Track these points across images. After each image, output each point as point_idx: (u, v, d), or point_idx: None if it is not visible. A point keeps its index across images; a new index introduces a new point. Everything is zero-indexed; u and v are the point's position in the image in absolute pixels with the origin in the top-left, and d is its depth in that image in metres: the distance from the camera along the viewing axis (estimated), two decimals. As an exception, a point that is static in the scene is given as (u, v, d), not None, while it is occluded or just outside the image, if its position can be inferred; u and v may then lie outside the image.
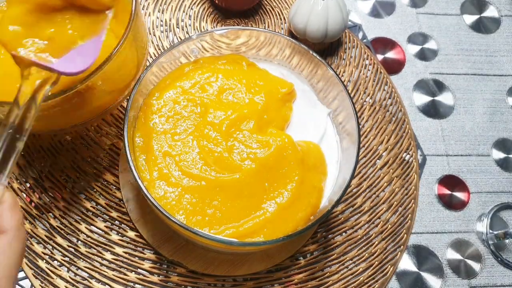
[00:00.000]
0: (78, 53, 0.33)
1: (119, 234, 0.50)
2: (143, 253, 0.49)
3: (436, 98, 0.64)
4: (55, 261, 0.48)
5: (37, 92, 0.31)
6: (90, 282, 0.47)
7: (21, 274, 0.47)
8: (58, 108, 0.36)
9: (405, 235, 0.53)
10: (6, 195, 0.28)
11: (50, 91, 0.33)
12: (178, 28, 0.62)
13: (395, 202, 0.55)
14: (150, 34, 0.61)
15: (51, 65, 0.32)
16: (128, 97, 0.44)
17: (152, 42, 0.61)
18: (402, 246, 0.53)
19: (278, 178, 0.43)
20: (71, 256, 0.48)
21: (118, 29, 0.40)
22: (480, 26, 0.70)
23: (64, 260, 0.48)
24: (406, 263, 0.53)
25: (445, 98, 0.64)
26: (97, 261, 0.48)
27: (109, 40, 0.40)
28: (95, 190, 0.51)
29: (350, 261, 0.51)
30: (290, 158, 0.43)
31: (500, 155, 0.61)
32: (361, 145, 0.56)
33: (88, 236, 0.49)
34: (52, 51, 0.32)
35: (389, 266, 0.51)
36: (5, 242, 0.26)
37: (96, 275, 0.48)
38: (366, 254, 0.52)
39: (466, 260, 0.54)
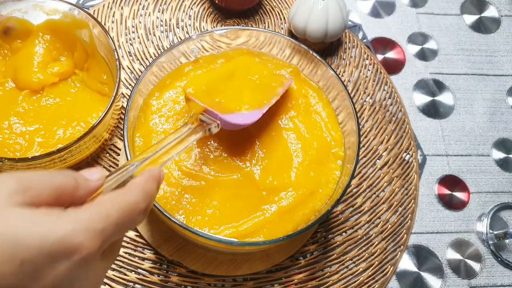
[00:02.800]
0: (239, 116, 0.42)
1: (119, 234, 0.50)
2: (143, 253, 0.49)
3: (436, 98, 0.64)
4: (55, 261, 0.48)
5: (195, 132, 0.38)
6: (90, 282, 0.47)
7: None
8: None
9: (405, 235, 0.53)
10: (152, 170, 0.29)
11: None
12: (178, 28, 0.62)
13: (395, 202, 0.55)
14: (150, 34, 0.61)
15: (217, 113, 0.39)
16: (128, 98, 0.44)
17: (152, 42, 0.61)
18: (402, 246, 0.53)
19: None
20: (71, 256, 0.48)
21: (90, 81, 0.51)
22: (480, 26, 0.70)
23: (64, 260, 0.48)
24: (406, 263, 0.53)
25: (445, 98, 0.64)
26: (97, 261, 0.48)
27: (81, 92, 0.51)
28: (95, 190, 0.51)
29: (350, 261, 0.51)
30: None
31: (500, 155, 0.61)
32: (361, 145, 0.56)
33: (88, 236, 0.49)
34: (221, 109, 0.40)
35: (389, 266, 0.51)
36: (116, 192, 0.26)
37: (96, 275, 0.48)
38: (366, 254, 0.52)
39: (466, 260, 0.54)
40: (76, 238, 0.23)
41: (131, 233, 0.50)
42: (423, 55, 0.66)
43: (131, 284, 0.48)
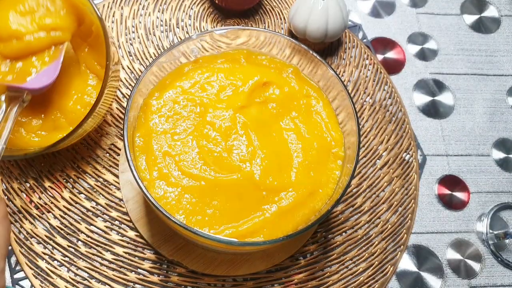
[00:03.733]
0: (43, 75, 0.43)
1: (119, 234, 0.50)
2: (143, 253, 0.49)
3: (436, 98, 0.64)
4: (55, 261, 0.48)
5: (11, 111, 0.40)
6: (90, 282, 0.47)
7: (21, 274, 0.47)
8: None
9: (405, 235, 0.53)
10: None
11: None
12: (178, 28, 0.62)
13: (395, 202, 0.55)
14: (150, 34, 0.61)
15: (22, 85, 0.41)
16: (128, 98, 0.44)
17: (152, 42, 0.61)
18: (402, 246, 0.53)
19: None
20: (71, 256, 0.48)
21: (89, 59, 0.50)
22: (480, 26, 0.70)
23: (64, 260, 0.48)
24: (406, 263, 0.53)
25: (445, 98, 0.64)
26: (97, 261, 0.48)
27: (82, 75, 0.50)
28: (95, 190, 0.51)
29: (350, 261, 0.51)
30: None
31: (500, 155, 0.61)
32: (361, 145, 0.56)
33: (88, 236, 0.49)
34: (21, 78, 0.42)
35: (389, 266, 0.51)
36: None
37: (96, 275, 0.48)
38: (366, 254, 0.52)
39: (466, 260, 0.54)
40: None
41: (131, 233, 0.50)
42: (423, 55, 0.66)
43: (131, 284, 0.48)
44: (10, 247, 0.48)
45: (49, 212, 0.50)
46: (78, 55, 0.50)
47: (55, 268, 0.48)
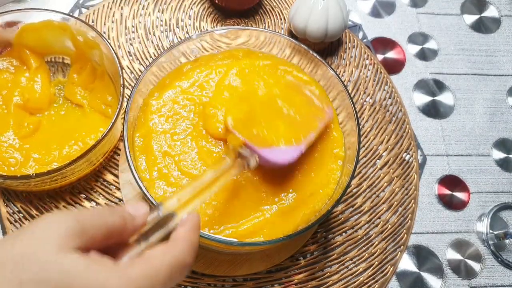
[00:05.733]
0: (278, 151, 0.40)
1: (119, 234, 0.50)
2: (143, 253, 0.49)
3: (436, 98, 0.63)
4: (55, 261, 0.48)
5: (234, 167, 0.37)
6: (90, 282, 0.47)
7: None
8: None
9: (405, 235, 0.53)
10: (192, 217, 0.30)
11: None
12: (178, 28, 0.62)
13: (395, 202, 0.55)
14: (150, 34, 0.61)
15: (256, 148, 0.38)
16: (128, 97, 0.44)
17: (152, 42, 0.61)
18: (402, 246, 0.53)
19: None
20: (71, 256, 0.48)
21: (94, 101, 0.51)
22: (480, 26, 0.70)
23: (64, 260, 0.48)
24: (406, 263, 0.53)
25: (445, 98, 0.64)
26: (97, 261, 0.48)
27: (84, 112, 0.51)
28: (95, 190, 0.51)
29: (350, 261, 0.51)
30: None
31: (500, 155, 0.61)
32: (361, 145, 0.56)
33: (88, 236, 0.49)
34: (259, 142, 0.39)
35: (389, 266, 0.51)
36: (164, 248, 0.27)
37: (96, 275, 0.48)
38: (366, 254, 0.52)
39: (466, 260, 0.54)
40: None
41: (131, 233, 0.50)
42: (423, 55, 0.66)
43: (131, 284, 0.48)
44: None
45: (48, 212, 0.50)
46: (80, 101, 0.52)
47: (55, 268, 0.48)
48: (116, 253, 0.26)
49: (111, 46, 0.47)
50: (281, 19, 0.65)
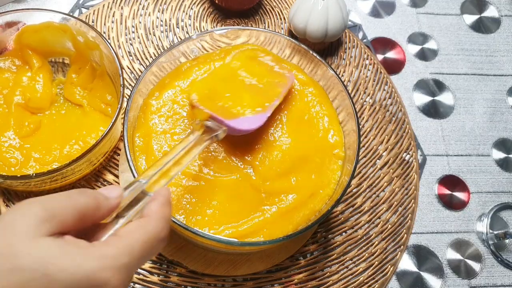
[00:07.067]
0: (245, 120, 0.41)
1: (119, 234, 0.50)
2: (143, 253, 0.49)
3: (436, 98, 0.64)
4: (55, 261, 0.48)
5: (202, 140, 0.38)
6: (90, 282, 0.47)
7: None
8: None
9: (405, 235, 0.53)
10: (163, 192, 0.30)
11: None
12: (178, 28, 0.62)
13: (395, 202, 0.55)
14: (150, 34, 0.61)
15: (223, 120, 0.40)
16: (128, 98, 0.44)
17: (152, 42, 0.61)
18: (402, 246, 0.53)
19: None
20: (71, 256, 0.48)
21: (93, 101, 0.52)
22: (480, 26, 0.70)
23: (64, 260, 0.48)
24: (406, 263, 0.53)
25: (445, 98, 0.64)
26: (97, 261, 0.48)
27: (84, 111, 0.52)
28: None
29: (350, 261, 0.51)
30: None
31: (500, 155, 0.61)
32: (361, 145, 0.56)
33: (88, 236, 0.49)
34: (225, 114, 0.40)
35: (389, 266, 0.51)
36: (137, 224, 0.27)
37: (96, 275, 0.48)
38: (366, 254, 0.52)
39: (466, 260, 0.54)
40: (104, 275, 0.24)
41: (131, 233, 0.50)
42: (423, 55, 0.66)
43: (131, 284, 0.48)
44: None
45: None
46: (79, 101, 0.52)
47: (55, 268, 0.48)
48: (93, 235, 0.27)
49: (111, 46, 0.47)
50: (281, 19, 0.65)
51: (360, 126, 0.58)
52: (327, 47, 0.63)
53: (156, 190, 0.31)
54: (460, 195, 0.58)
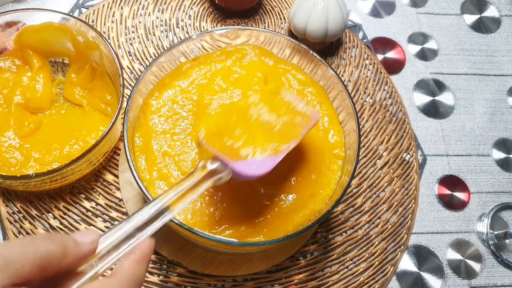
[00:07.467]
0: (251, 164, 0.37)
1: (119, 234, 0.50)
2: (143, 253, 0.49)
3: (436, 98, 0.63)
4: (55, 261, 0.48)
5: (204, 180, 0.34)
6: (90, 282, 0.47)
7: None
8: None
9: (405, 235, 0.53)
10: (142, 246, 0.27)
11: None
12: (178, 28, 0.62)
13: (395, 202, 0.55)
14: (150, 34, 0.61)
15: (228, 161, 0.35)
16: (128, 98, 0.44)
17: (152, 42, 0.61)
18: (402, 246, 0.53)
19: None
20: (71, 256, 0.48)
21: (93, 100, 0.52)
22: (480, 26, 0.70)
23: (64, 260, 0.48)
24: (406, 263, 0.53)
25: (445, 98, 0.64)
26: (97, 261, 0.48)
27: (83, 111, 0.52)
28: (95, 190, 0.51)
29: (350, 261, 0.51)
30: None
31: (500, 155, 0.61)
32: (361, 145, 0.56)
33: (88, 236, 0.49)
34: (232, 155, 0.36)
35: (389, 266, 0.51)
36: (100, 285, 0.24)
37: (96, 275, 0.48)
38: (366, 254, 0.52)
39: (467, 260, 0.54)
40: None
41: (131, 233, 0.50)
42: (423, 55, 0.66)
43: (131, 284, 0.48)
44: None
45: (48, 212, 0.50)
46: (79, 101, 0.52)
47: (55, 268, 0.48)
48: (63, 284, 0.24)
49: (111, 46, 0.47)
50: (281, 19, 0.65)
51: (360, 126, 0.58)
52: (327, 47, 0.63)
53: (145, 233, 0.28)
54: (460, 195, 0.57)
